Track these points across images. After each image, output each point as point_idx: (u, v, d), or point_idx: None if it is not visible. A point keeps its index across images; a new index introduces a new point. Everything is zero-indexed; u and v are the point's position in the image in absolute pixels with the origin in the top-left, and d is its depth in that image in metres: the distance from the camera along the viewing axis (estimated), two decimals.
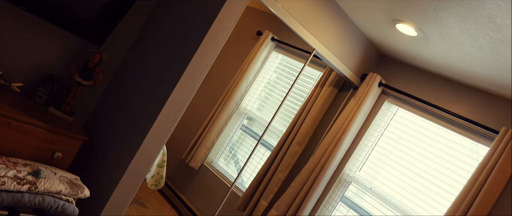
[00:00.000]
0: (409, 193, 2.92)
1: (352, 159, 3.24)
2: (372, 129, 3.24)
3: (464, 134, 2.80)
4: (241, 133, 4.22)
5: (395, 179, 3.03)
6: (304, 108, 3.44)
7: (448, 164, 2.82)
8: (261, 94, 4.25)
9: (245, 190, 3.54)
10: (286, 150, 3.40)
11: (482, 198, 2.40)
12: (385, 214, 3.00)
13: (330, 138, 3.18)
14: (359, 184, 3.19)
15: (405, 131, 3.13)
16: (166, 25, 2.45)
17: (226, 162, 4.25)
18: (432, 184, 2.84)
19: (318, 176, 3.11)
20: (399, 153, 3.10)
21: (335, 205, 3.24)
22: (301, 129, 3.37)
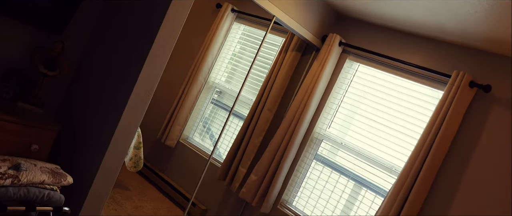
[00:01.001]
0: (378, 143, 3.13)
1: (321, 117, 3.40)
2: (337, 87, 3.40)
3: (422, 82, 2.99)
4: (213, 107, 4.29)
5: (364, 131, 3.22)
6: (271, 74, 3.54)
7: (410, 111, 3.02)
8: (228, 66, 4.31)
9: (223, 160, 3.65)
10: (258, 117, 3.51)
11: (441, 138, 2.62)
12: (357, 165, 3.21)
13: (299, 100, 3.31)
14: (330, 140, 3.37)
15: (367, 85, 3.30)
16: (126, 8, 2.45)
17: (201, 137, 4.33)
18: (398, 132, 3.05)
19: (291, 137, 3.26)
20: (364, 106, 3.29)
21: (310, 163, 3.42)
22: (270, 95, 3.49)
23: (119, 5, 2.50)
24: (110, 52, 2.44)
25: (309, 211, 3.34)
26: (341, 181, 3.28)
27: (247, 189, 3.38)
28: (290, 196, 3.44)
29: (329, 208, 3.26)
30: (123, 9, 2.46)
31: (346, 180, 3.26)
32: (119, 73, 2.33)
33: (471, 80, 2.64)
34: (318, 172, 3.40)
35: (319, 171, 3.40)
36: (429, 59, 2.97)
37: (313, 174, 3.41)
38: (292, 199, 3.44)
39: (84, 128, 2.40)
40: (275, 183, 3.27)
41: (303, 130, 3.30)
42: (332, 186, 3.30)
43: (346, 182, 3.26)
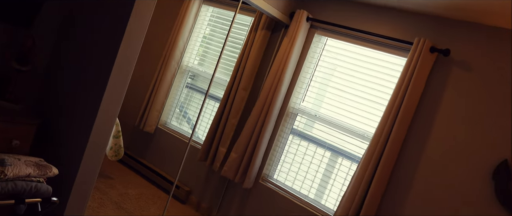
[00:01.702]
0: (350, 112, 3.28)
1: (295, 92, 3.51)
2: (307, 62, 3.51)
3: (387, 51, 3.14)
4: (188, 90, 4.34)
5: (336, 102, 3.36)
6: (243, 55, 3.61)
7: (378, 79, 3.17)
8: (199, 49, 4.35)
9: (203, 142, 3.74)
10: (233, 97, 3.60)
11: (407, 102, 2.78)
12: (333, 135, 3.36)
13: (272, 77, 3.41)
14: (305, 113, 3.50)
15: (337, 58, 3.43)
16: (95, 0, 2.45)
17: (179, 121, 4.39)
18: (368, 100, 3.20)
19: (267, 114, 3.37)
20: (335, 78, 3.42)
21: (287, 137, 3.55)
22: (243, 75, 3.57)
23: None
24: (82, 45, 2.45)
25: (290, 182, 3.49)
26: (318, 152, 3.44)
27: (228, 167, 3.49)
28: (270, 170, 3.58)
29: (309, 178, 3.42)
30: (92, 1, 2.46)
31: (323, 151, 3.41)
32: (93, 66, 2.35)
33: (432, 46, 2.80)
34: (296, 145, 3.54)
35: (297, 144, 3.54)
36: (393, 29, 3.11)
37: (292, 148, 3.55)
38: (272, 173, 3.58)
39: (64, 121, 2.43)
40: (255, 159, 3.40)
41: (278, 106, 3.41)
42: (310, 158, 3.45)
43: (323, 152, 3.41)
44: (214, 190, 3.80)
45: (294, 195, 3.39)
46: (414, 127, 2.90)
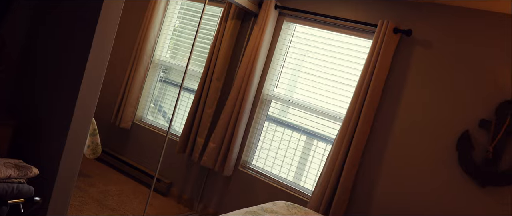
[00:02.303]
0: (322, 95, 3.39)
1: (268, 79, 3.60)
2: (278, 49, 3.59)
3: (353, 34, 3.26)
4: (162, 84, 4.35)
5: (309, 87, 3.47)
6: (214, 45, 3.66)
7: (347, 62, 3.29)
8: (171, 43, 4.36)
9: (181, 134, 3.78)
10: (208, 88, 3.65)
11: (374, 81, 2.91)
12: (307, 119, 3.47)
13: (244, 66, 3.48)
14: (279, 99, 3.59)
15: (307, 43, 3.52)
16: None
17: (155, 116, 4.41)
18: (338, 83, 3.32)
19: (242, 102, 3.45)
20: (307, 64, 3.52)
21: (263, 124, 3.64)
22: (216, 65, 3.62)
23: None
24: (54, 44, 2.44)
25: (268, 167, 3.59)
26: (294, 136, 3.54)
27: (207, 157, 3.56)
28: (249, 156, 3.67)
29: (287, 162, 3.52)
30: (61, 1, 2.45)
31: (299, 135, 3.52)
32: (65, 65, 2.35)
33: (395, 27, 2.93)
34: (272, 131, 3.64)
35: (273, 130, 3.64)
36: (358, 12, 3.22)
37: (268, 134, 3.64)
38: (251, 159, 3.67)
39: (40, 121, 2.42)
40: (233, 147, 3.47)
41: (252, 94, 3.49)
42: (287, 142, 3.55)
43: (299, 136, 3.52)
44: (195, 181, 3.86)
45: (274, 179, 3.50)
46: (383, 106, 3.04)
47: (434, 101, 2.86)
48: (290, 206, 2.54)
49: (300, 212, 2.46)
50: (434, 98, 2.86)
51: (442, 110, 2.83)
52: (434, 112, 2.85)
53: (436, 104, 2.85)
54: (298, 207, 2.56)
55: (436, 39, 2.89)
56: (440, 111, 2.83)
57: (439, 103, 2.84)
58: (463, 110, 2.75)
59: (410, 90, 2.95)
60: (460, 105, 2.77)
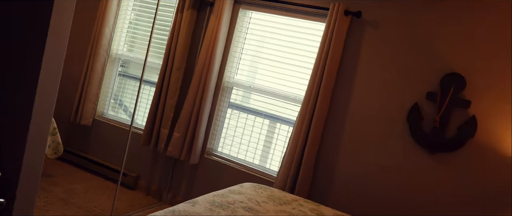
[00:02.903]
0: (282, 79, 3.49)
1: (228, 67, 3.65)
2: (236, 36, 3.65)
3: (307, 18, 3.36)
4: (121, 79, 4.30)
5: (269, 72, 3.56)
6: (172, 36, 3.66)
7: (303, 45, 3.40)
8: (127, 36, 4.30)
9: (144, 126, 3.78)
10: (168, 78, 3.66)
11: (330, 63, 3.04)
12: (269, 103, 3.56)
13: (203, 55, 3.51)
14: (240, 86, 3.66)
15: (264, 29, 3.60)
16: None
17: (116, 111, 4.36)
18: (296, 66, 3.43)
19: (204, 91, 3.49)
20: (265, 49, 3.60)
21: (226, 111, 3.71)
22: (175, 56, 3.63)
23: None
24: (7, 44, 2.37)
25: (234, 153, 3.67)
26: (257, 120, 3.63)
27: (173, 147, 3.59)
28: (214, 144, 3.73)
29: (252, 146, 3.62)
30: None
31: (262, 119, 3.62)
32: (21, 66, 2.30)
33: (345, 9, 3.06)
34: (235, 117, 3.71)
35: (236, 116, 3.71)
36: None
37: (232, 120, 3.72)
38: (216, 146, 3.73)
39: None
40: (198, 135, 3.52)
41: (213, 82, 3.54)
42: (251, 127, 3.64)
43: (262, 120, 3.62)
44: (162, 172, 3.89)
45: (240, 163, 3.59)
46: (339, 86, 3.18)
47: (386, 78, 3.03)
48: (257, 186, 2.64)
49: (266, 191, 2.57)
50: (386, 75, 3.03)
51: (393, 85, 3.01)
52: (386, 88, 3.03)
53: (388, 80, 3.02)
54: (264, 187, 2.67)
55: (384, 19, 3.05)
56: (391, 87, 3.01)
57: (390, 80, 3.02)
58: (412, 85, 2.94)
59: (363, 69, 3.11)
60: (409, 80, 2.95)
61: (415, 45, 2.94)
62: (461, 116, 2.79)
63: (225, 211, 2.03)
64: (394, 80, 3.00)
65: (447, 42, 2.85)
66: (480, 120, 2.74)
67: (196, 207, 1.99)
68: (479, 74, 2.75)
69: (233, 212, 2.05)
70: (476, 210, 2.74)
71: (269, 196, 2.49)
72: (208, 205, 2.05)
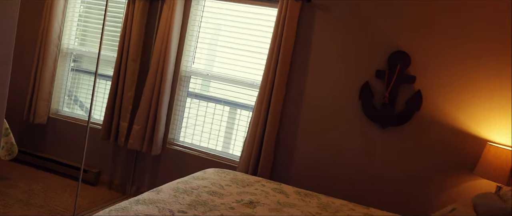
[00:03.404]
0: (240, 66, 3.54)
1: (184, 56, 3.65)
2: (190, 25, 3.64)
3: (260, 4, 3.42)
4: (74, 74, 4.18)
5: (226, 59, 3.59)
6: (125, 27, 3.60)
7: (258, 31, 3.46)
8: (78, 30, 4.18)
9: (103, 121, 3.72)
10: (124, 71, 3.61)
11: (284, 47, 3.13)
12: (228, 90, 3.61)
13: (159, 45, 3.50)
14: (198, 74, 3.68)
15: (218, 17, 3.62)
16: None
17: (71, 107, 4.25)
18: (253, 52, 3.49)
19: (161, 81, 3.49)
20: (221, 37, 3.63)
21: (185, 101, 3.72)
22: (130, 47, 3.58)
23: None
24: None
25: (197, 141, 3.71)
26: (218, 108, 3.68)
27: (133, 140, 3.57)
28: (175, 134, 3.74)
29: (214, 134, 3.66)
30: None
31: (222, 107, 3.66)
32: None
33: None
34: (196, 106, 3.73)
35: (196, 105, 3.73)
36: None
37: (192, 109, 3.74)
38: (178, 136, 3.75)
39: None
40: (158, 126, 3.52)
41: (171, 72, 3.54)
42: (212, 115, 3.68)
43: (222, 108, 3.66)
44: (124, 165, 3.86)
45: (203, 151, 3.63)
46: (294, 69, 3.28)
47: (337, 59, 3.16)
48: (220, 171, 2.70)
49: (229, 175, 2.64)
50: (337, 56, 3.16)
51: (344, 66, 3.15)
52: (338, 69, 3.16)
53: (339, 61, 3.16)
54: (227, 171, 2.74)
55: (333, 2, 3.16)
56: (343, 67, 3.15)
57: (341, 60, 3.15)
58: (362, 64, 3.09)
59: (316, 51, 3.22)
60: (359, 59, 3.10)
61: (363, 26, 3.08)
62: (408, 91, 2.98)
63: (190, 196, 2.08)
64: (345, 60, 3.14)
65: (392, 22, 3.01)
66: (425, 94, 2.94)
67: (161, 194, 2.03)
68: (422, 51, 2.94)
69: (198, 197, 2.11)
70: (425, 176, 2.95)
71: (232, 180, 2.56)
72: (173, 192, 2.09)
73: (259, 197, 2.30)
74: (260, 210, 2.10)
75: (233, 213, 1.98)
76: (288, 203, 2.32)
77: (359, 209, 2.47)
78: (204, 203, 2.04)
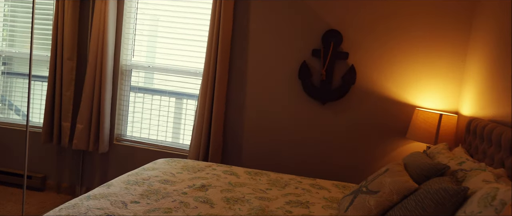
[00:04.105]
0: (181, 56, 3.54)
1: (123, 49, 3.59)
2: (126, 17, 3.58)
3: None
4: (6, 78, 3.96)
5: (167, 50, 3.58)
6: (57, 24, 3.47)
7: (196, 20, 3.48)
8: (5, 31, 3.95)
9: (43, 124, 3.58)
10: (60, 70, 3.49)
11: (222, 33, 3.19)
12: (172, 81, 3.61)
13: (95, 40, 3.41)
14: (139, 67, 3.64)
15: (154, 8, 3.58)
16: None
17: (6, 113, 4.03)
18: (193, 41, 3.50)
19: (101, 77, 3.41)
20: (160, 28, 3.60)
21: (129, 95, 3.67)
22: (64, 45, 3.46)
23: None
24: None
25: (145, 135, 3.69)
26: (163, 99, 3.67)
27: (78, 140, 3.48)
28: (122, 129, 3.69)
29: (162, 126, 3.66)
30: None
31: (168, 98, 3.66)
32: None
33: None
34: (140, 100, 3.70)
35: (141, 99, 3.70)
36: None
37: (138, 103, 3.70)
38: (125, 131, 3.70)
39: None
40: (103, 123, 3.46)
41: (110, 67, 3.47)
42: (158, 107, 3.66)
43: (168, 99, 3.66)
44: (71, 167, 3.75)
45: (153, 144, 3.63)
46: (234, 55, 3.36)
47: (275, 42, 3.28)
48: (170, 160, 2.74)
49: (180, 163, 2.68)
50: (275, 39, 3.28)
51: (282, 48, 3.27)
52: (277, 51, 3.28)
53: (277, 44, 3.28)
54: (178, 160, 2.78)
55: None
56: (281, 49, 3.27)
57: (279, 43, 3.27)
58: (299, 45, 3.23)
59: (255, 36, 3.31)
60: (296, 40, 3.24)
61: (297, 8, 3.21)
62: (342, 67, 3.17)
63: (141, 187, 2.11)
64: (283, 42, 3.27)
65: (323, 2, 3.17)
66: (358, 68, 3.14)
67: (112, 188, 2.04)
68: (352, 28, 3.13)
69: (149, 186, 2.14)
70: (364, 144, 3.18)
71: (183, 167, 2.61)
72: (124, 185, 2.11)
73: (210, 181, 2.38)
74: (212, 192, 2.18)
75: (185, 198, 2.04)
76: (239, 183, 2.42)
77: (306, 180, 2.63)
78: (157, 191, 2.08)
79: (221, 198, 2.10)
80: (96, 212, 1.71)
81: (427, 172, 1.98)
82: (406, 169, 2.11)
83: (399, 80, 3.10)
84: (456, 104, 3.03)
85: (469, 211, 1.46)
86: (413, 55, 3.07)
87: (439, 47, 3.02)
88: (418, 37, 3.04)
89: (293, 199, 2.21)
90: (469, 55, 2.95)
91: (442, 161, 2.15)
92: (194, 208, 1.93)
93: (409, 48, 3.07)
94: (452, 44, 3.00)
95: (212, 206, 1.98)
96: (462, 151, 2.31)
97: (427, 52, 3.04)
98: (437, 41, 3.02)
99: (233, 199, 2.11)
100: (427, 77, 3.06)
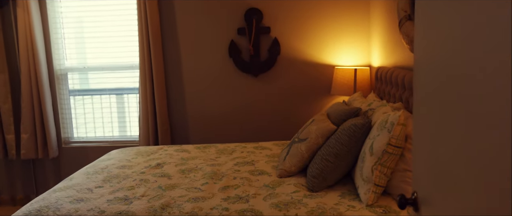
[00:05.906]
0: (115, 51, 3.66)
1: (54, 55, 3.63)
2: (52, 23, 3.60)
3: None
4: None
5: (99, 49, 3.67)
6: None
7: (124, 16, 3.60)
8: None
9: None
10: None
11: (151, 28, 3.36)
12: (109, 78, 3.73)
13: (24, 49, 3.42)
14: (74, 70, 3.71)
15: (78, 10, 3.64)
16: None
17: None
18: (124, 36, 3.63)
19: (38, 85, 3.46)
20: (87, 29, 3.68)
21: (69, 98, 3.74)
22: None
23: None
24: None
25: (92, 134, 3.80)
26: (104, 98, 3.78)
27: (25, 149, 3.52)
28: (68, 132, 3.77)
29: (108, 122, 3.79)
30: None
31: (108, 97, 3.77)
32: None
33: None
34: (81, 102, 3.78)
35: (81, 101, 3.78)
36: None
37: (79, 106, 3.78)
38: (71, 134, 3.78)
39: None
40: (48, 129, 3.53)
41: (45, 73, 3.51)
42: (100, 106, 3.77)
43: (109, 97, 3.78)
44: (23, 177, 3.78)
45: (102, 141, 3.75)
46: (166, 44, 3.55)
47: (202, 25, 3.52)
48: (123, 150, 2.93)
49: (133, 151, 2.89)
50: (202, 23, 3.52)
51: (210, 30, 3.52)
52: (205, 35, 3.53)
53: (204, 27, 3.52)
54: (130, 148, 2.98)
55: None
56: (209, 32, 3.53)
57: (207, 26, 3.52)
58: (225, 25, 3.51)
59: (182, 22, 3.53)
60: (221, 22, 3.50)
61: None
62: (267, 41, 3.50)
63: (101, 175, 2.31)
64: (209, 25, 3.52)
65: None
66: (281, 39, 3.49)
67: (74, 180, 2.22)
68: (270, 4, 3.46)
69: (109, 173, 2.35)
70: (296, 106, 3.57)
71: (136, 153, 2.82)
72: (85, 176, 2.30)
73: (164, 159, 2.62)
74: (167, 168, 2.44)
75: (144, 176, 2.28)
76: (191, 157, 2.69)
77: (250, 145, 2.96)
78: (117, 176, 2.30)
79: (176, 171, 2.37)
80: (66, 199, 1.91)
81: (344, 116, 2.38)
82: (328, 117, 2.50)
83: (318, 45, 3.50)
84: (368, 58, 3.50)
85: (371, 136, 1.87)
86: (325, 21, 3.47)
87: (346, 8, 3.45)
88: (327, 3, 3.44)
89: (240, 161, 2.53)
90: (371, 12, 3.41)
91: (356, 106, 2.57)
92: (154, 182, 2.18)
93: (322, 15, 3.46)
94: (355, 4, 3.44)
95: (169, 178, 2.24)
96: (373, 96, 2.76)
97: (337, 16, 3.46)
98: (342, 3, 3.44)
99: (187, 170, 2.38)
100: (341, 38, 3.49)
